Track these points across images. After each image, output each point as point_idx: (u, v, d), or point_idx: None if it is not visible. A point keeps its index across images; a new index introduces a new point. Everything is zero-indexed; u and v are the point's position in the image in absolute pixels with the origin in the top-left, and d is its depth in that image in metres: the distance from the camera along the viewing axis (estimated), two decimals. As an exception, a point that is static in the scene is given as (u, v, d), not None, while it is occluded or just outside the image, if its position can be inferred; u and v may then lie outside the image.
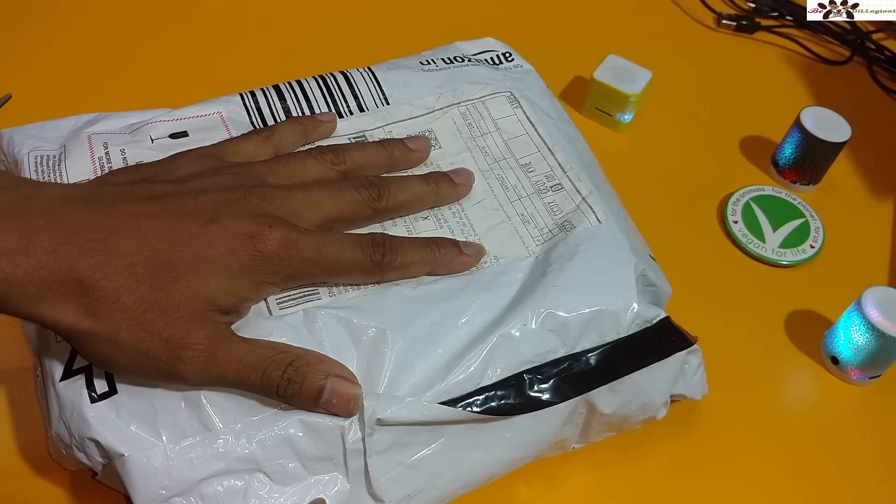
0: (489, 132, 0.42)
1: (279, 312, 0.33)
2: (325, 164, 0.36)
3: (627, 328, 0.36)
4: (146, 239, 0.29)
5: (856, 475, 0.40)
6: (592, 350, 0.35)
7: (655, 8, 0.65)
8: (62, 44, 0.56)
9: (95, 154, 0.38)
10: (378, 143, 0.39)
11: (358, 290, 0.35)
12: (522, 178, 0.40)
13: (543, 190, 0.39)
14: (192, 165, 0.34)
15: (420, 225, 0.37)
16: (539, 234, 0.38)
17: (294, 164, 0.36)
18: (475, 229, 0.38)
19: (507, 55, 0.47)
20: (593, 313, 0.35)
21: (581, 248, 0.37)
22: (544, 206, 0.39)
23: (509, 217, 0.38)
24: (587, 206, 0.39)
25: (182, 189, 0.32)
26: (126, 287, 0.28)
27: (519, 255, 0.37)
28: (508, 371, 0.34)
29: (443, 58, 0.45)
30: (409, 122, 0.42)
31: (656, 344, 0.36)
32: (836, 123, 0.51)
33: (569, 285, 0.35)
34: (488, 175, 0.40)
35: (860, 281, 0.44)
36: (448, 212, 0.38)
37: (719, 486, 0.39)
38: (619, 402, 0.36)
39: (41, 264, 0.27)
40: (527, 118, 0.42)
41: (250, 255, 0.31)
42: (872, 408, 0.43)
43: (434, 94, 0.43)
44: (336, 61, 0.50)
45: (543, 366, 0.35)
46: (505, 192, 0.39)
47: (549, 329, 0.35)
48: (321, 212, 0.34)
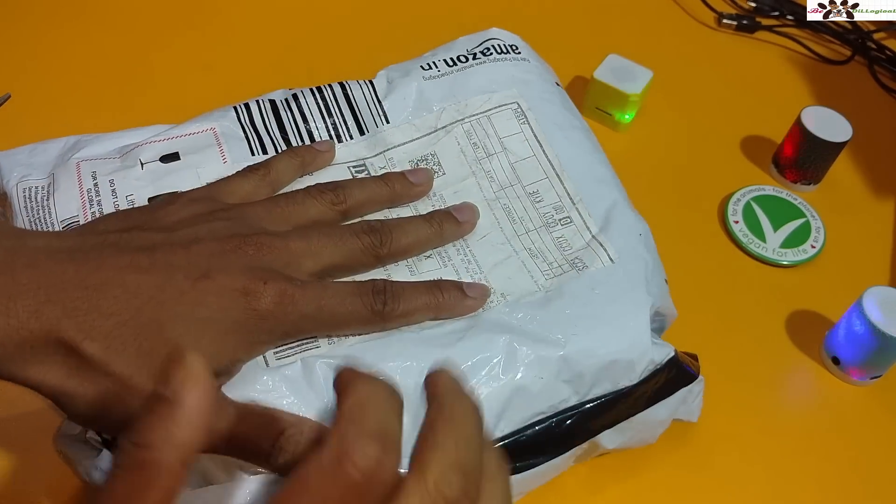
0: (495, 153, 0.40)
1: (276, 363, 0.32)
2: (324, 205, 0.35)
3: (640, 374, 0.35)
4: (134, 297, 0.28)
5: (857, 475, 0.40)
6: (603, 398, 0.35)
7: (655, 7, 0.65)
8: (62, 44, 0.56)
9: (84, 186, 0.37)
10: (379, 179, 0.38)
11: (358, 336, 0.33)
12: (530, 208, 0.38)
13: (552, 223, 0.38)
14: (184, 210, 0.33)
15: (423, 265, 0.36)
16: (548, 268, 0.37)
17: (293, 205, 0.34)
18: (481, 267, 0.36)
19: (514, 47, 0.45)
20: (609, 363, 0.34)
21: (595, 293, 0.35)
22: (553, 241, 0.38)
23: (516, 251, 0.37)
24: (598, 244, 0.37)
25: (173, 238, 0.30)
26: (112, 349, 0.27)
27: (528, 290, 0.36)
28: (519, 423, 0.33)
29: (445, 59, 0.43)
30: (410, 145, 0.40)
31: (664, 384, 0.36)
32: (837, 123, 0.51)
33: (584, 334, 0.34)
34: (494, 205, 0.38)
35: (861, 281, 0.44)
36: (452, 249, 0.37)
37: (719, 486, 0.39)
38: (623, 438, 0.36)
39: (22, 324, 0.26)
40: (534, 136, 0.40)
41: (244, 313, 0.29)
42: (873, 408, 0.43)
43: (436, 109, 0.41)
44: (336, 61, 0.51)
45: (554, 416, 0.34)
46: (512, 226, 0.38)
47: (564, 380, 0.34)
48: (321, 261, 0.33)
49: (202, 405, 0.22)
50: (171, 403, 0.22)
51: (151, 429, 0.22)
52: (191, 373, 0.22)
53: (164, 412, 0.22)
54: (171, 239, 0.30)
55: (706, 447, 0.40)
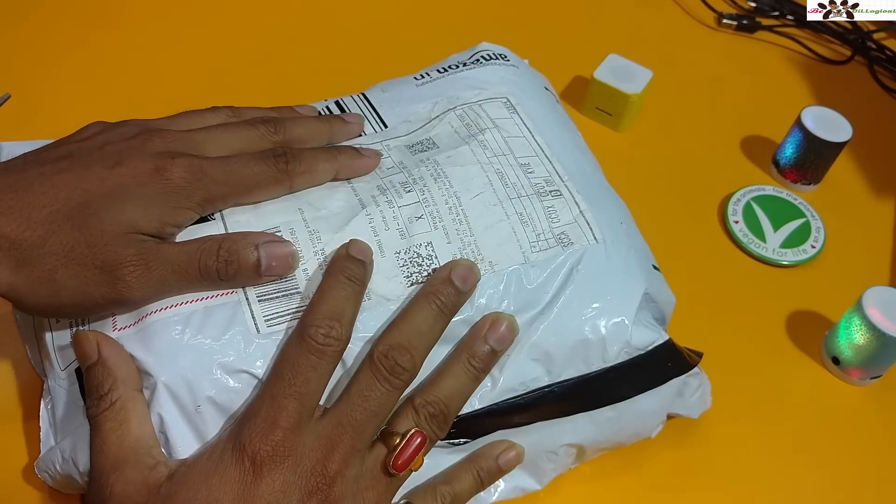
0: (487, 128, 0.40)
1: (267, 330, 0.32)
2: (259, 134, 0.36)
3: (615, 357, 0.35)
4: (60, 190, 0.31)
5: (857, 475, 0.40)
6: (577, 378, 0.35)
7: (656, 7, 0.65)
8: (62, 44, 0.56)
9: None
10: (317, 118, 0.40)
11: None
12: (522, 177, 0.39)
13: (543, 193, 0.38)
14: (98, 127, 0.35)
15: (415, 227, 0.36)
16: (536, 239, 0.37)
17: (227, 132, 0.36)
18: (472, 228, 0.36)
19: (503, 56, 0.45)
20: (578, 342, 0.35)
21: (576, 271, 0.36)
22: (543, 210, 0.38)
23: (508, 215, 0.37)
24: (585, 221, 0.38)
25: (87, 144, 0.34)
26: (50, 232, 0.30)
27: (515, 261, 0.36)
28: (490, 400, 0.34)
29: (437, 69, 0.44)
30: (405, 137, 0.40)
31: (650, 371, 0.36)
32: (837, 123, 0.51)
33: (559, 313, 0.35)
34: (487, 168, 0.39)
35: (861, 281, 0.44)
36: (444, 208, 0.37)
37: (720, 486, 0.39)
38: (613, 428, 0.36)
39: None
40: (524, 124, 0.41)
41: (159, 186, 0.32)
42: (873, 408, 0.43)
43: (429, 103, 0.42)
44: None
45: (526, 393, 0.35)
46: (504, 189, 0.38)
47: (533, 358, 0.35)
48: (221, 147, 0.35)
49: (117, 349, 0.31)
50: (98, 362, 0.31)
51: (102, 382, 0.31)
52: (93, 339, 0.31)
53: (99, 369, 0.31)
54: (86, 145, 0.34)
55: (706, 447, 0.40)
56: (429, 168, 0.38)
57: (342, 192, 0.36)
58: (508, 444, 0.35)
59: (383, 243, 0.35)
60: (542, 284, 0.35)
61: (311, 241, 0.34)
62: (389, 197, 0.36)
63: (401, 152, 0.39)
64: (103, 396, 0.31)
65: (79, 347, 0.32)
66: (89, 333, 0.32)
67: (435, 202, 0.37)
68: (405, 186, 0.37)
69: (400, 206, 0.36)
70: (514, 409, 0.35)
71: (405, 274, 0.34)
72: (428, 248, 0.35)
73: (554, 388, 0.35)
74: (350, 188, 0.37)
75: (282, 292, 0.33)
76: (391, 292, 0.34)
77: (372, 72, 0.46)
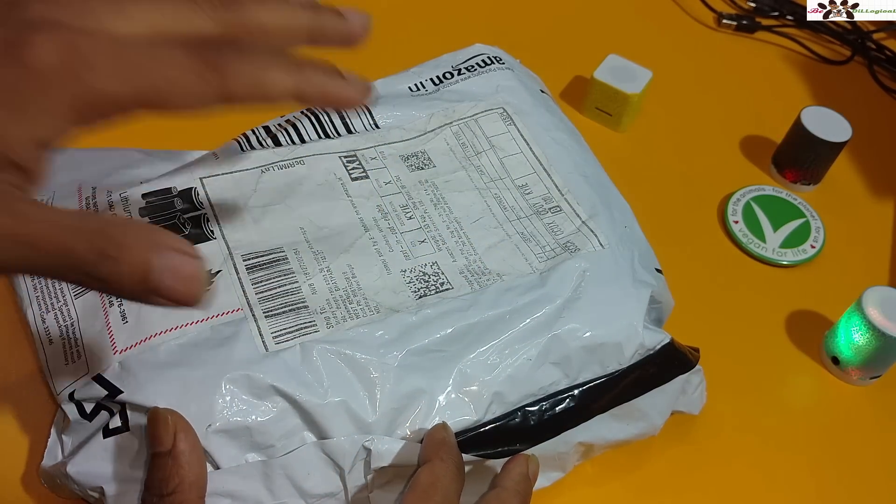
0: (483, 150, 0.41)
1: (275, 347, 0.32)
2: (195, 7, 0.24)
3: (630, 359, 0.36)
4: None
5: (857, 475, 0.40)
6: (594, 381, 0.35)
7: (655, 8, 0.65)
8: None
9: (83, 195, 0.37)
10: (296, 4, 0.27)
11: (357, 320, 0.33)
12: (520, 199, 0.39)
13: (542, 211, 0.39)
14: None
15: (418, 249, 0.36)
16: (542, 251, 0.37)
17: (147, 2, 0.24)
18: (475, 248, 0.37)
19: (498, 59, 0.46)
20: (596, 346, 0.35)
21: (587, 276, 0.36)
22: (544, 226, 0.38)
23: (509, 235, 0.38)
24: (588, 229, 0.38)
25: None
26: None
27: (522, 272, 0.36)
28: (510, 405, 0.34)
29: (431, 78, 0.44)
30: (400, 144, 0.41)
31: (658, 370, 0.36)
32: (837, 123, 0.51)
33: (573, 317, 0.35)
34: (485, 193, 0.39)
35: (861, 281, 0.44)
36: (447, 231, 0.37)
37: (720, 486, 0.39)
38: (622, 427, 0.36)
39: None
40: (521, 136, 0.42)
41: (14, 75, 0.21)
42: (873, 408, 0.43)
43: (425, 115, 0.42)
44: None
45: (544, 399, 0.34)
46: (503, 212, 0.39)
47: (553, 362, 0.34)
48: (135, 22, 0.23)
49: (193, 444, 0.28)
50: (171, 455, 0.28)
51: (168, 480, 0.27)
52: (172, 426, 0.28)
53: (170, 463, 0.27)
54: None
55: (707, 447, 0.40)
56: (428, 193, 0.39)
57: (342, 207, 0.37)
58: (525, 458, 0.33)
59: (388, 263, 0.36)
60: (554, 288, 0.36)
61: (317, 261, 0.35)
62: (392, 223, 0.37)
63: (397, 164, 0.40)
64: (164, 497, 0.27)
65: (153, 429, 0.27)
66: (168, 416, 0.28)
67: (437, 227, 0.38)
68: (406, 211, 0.38)
69: (402, 233, 0.37)
70: (532, 417, 0.34)
71: (412, 289, 0.35)
72: (434, 267, 0.36)
73: (572, 391, 0.35)
74: (349, 202, 0.38)
75: (289, 306, 0.33)
76: (400, 304, 0.35)
77: (371, 71, 0.45)
